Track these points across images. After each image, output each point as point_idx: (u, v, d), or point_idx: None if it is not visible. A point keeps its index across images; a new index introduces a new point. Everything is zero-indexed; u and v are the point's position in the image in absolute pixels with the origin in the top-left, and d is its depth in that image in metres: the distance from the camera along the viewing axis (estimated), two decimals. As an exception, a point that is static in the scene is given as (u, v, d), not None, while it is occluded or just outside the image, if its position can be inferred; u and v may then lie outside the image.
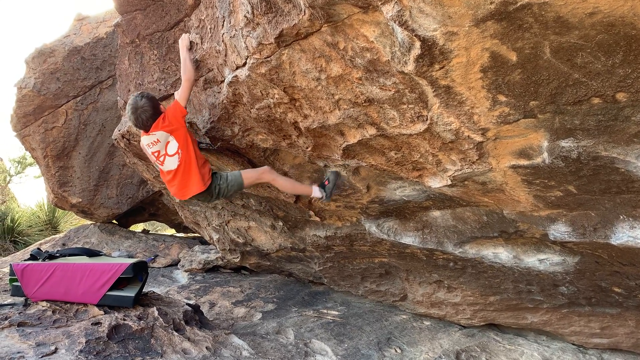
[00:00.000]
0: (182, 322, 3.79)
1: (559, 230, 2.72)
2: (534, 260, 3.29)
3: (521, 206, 2.74)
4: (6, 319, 3.40)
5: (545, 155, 2.15)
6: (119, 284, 3.89)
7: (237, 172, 3.48)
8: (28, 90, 6.31)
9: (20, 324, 3.34)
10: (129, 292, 3.86)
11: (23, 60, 6.53)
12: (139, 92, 3.25)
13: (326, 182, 3.48)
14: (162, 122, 3.19)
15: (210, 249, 6.73)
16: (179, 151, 3.26)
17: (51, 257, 4.21)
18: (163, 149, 3.29)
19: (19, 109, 6.51)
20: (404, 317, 4.75)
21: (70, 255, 4.33)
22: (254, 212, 4.77)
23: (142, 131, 3.32)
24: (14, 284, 3.98)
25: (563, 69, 1.71)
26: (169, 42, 3.59)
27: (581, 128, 1.94)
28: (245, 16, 2.40)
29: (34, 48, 6.52)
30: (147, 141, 3.30)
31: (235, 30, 2.61)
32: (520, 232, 3.06)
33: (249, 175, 3.49)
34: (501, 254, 3.41)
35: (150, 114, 3.19)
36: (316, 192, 3.53)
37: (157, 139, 3.24)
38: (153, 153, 3.33)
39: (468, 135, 2.22)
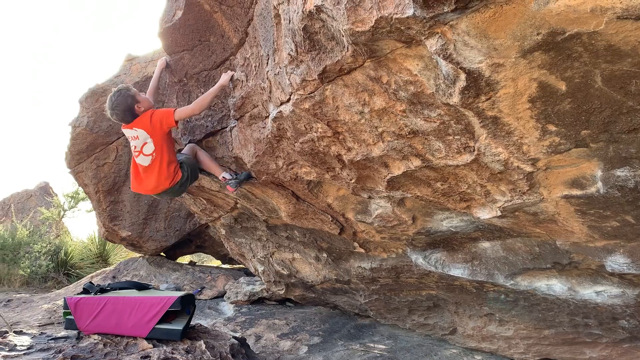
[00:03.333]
0: (229, 355, 3.79)
1: (617, 262, 2.60)
2: (590, 292, 3.14)
3: (575, 237, 2.64)
4: (60, 352, 3.49)
5: (600, 184, 2.07)
6: (167, 317, 3.95)
7: (187, 156, 3.86)
8: (81, 129, 6.59)
9: (73, 357, 3.41)
10: (177, 326, 3.90)
11: (77, 101, 6.84)
12: (117, 88, 3.54)
13: (239, 172, 3.79)
14: (147, 122, 3.44)
15: (255, 281, 6.75)
16: (153, 154, 3.52)
17: (102, 290, 4.32)
18: (140, 147, 3.55)
19: (73, 147, 6.80)
20: (454, 351, 4.60)
21: (120, 288, 4.43)
22: (298, 243, 4.77)
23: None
24: (67, 317, 4.09)
25: (616, 97, 1.66)
26: (215, 80, 3.70)
27: (637, 157, 1.87)
28: (289, 54, 2.45)
29: (87, 89, 6.83)
30: (128, 133, 3.63)
31: (280, 68, 2.67)
32: (575, 263, 2.94)
33: (190, 151, 3.94)
34: (555, 285, 3.28)
35: (121, 110, 3.51)
36: (226, 174, 3.80)
37: (137, 136, 3.55)
38: (131, 144, 3.60)
39: (517, 166, 2.17)
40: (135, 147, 3.61)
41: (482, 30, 1.60)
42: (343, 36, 2.02)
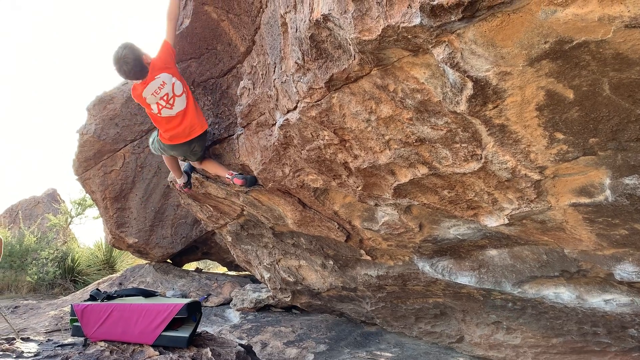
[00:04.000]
0: (236, 363, 3.78)
1: (626, 270, 2.58)
2: (598, 300, 3.12)
3: (583, 245, 2.62)
4: (67, 359, 3.49)
5: (608, 193, 2.06)
6: (174, 324, 3.94)
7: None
8: (89, 136, 6.64)
9: (80, 365, 3.41)
10: (184, 333, 3.90)
11: (85, 108, 6.89)
12: (121, 44, 3.38)
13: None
14: (160, 64, 3.32)
15: (262, 288, 6.75)
16: (185, 89, 3.40)
17: (109, 297, 4.33)
18: (171, 91, 3.39)
19: (81, 154, 6.85)
20: (461, 359, 4.57)
21: (127, 295, 4.44)
22: (305, 250, 4.77)
23: (136, 82, 3.43)
24: (74, 324, 4.09)
25: (624, 105, 1.66)
26: (223, 88, 3.72)
27: (646, 165, 1.86)
28: (296, 62, 2.46)
29: (94, 96, 6.88)
30: (153, 88, 3.38)
31: (286, 76, 2.67)
32: (583, 271, 2.92)
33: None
34: (563, 294, 3.26)
35: (131, 61, 3.29)
36: (233, 172, 3.79)
37: (163, 82, 3.36)
38: (162, 98, 3.39)
39: (525, 174, 2.17)
40: (167, 96, 3.41)
41: (490, 38, 1.60)
42: (350, 45, 2.02)
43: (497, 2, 1.45)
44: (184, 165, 4.38)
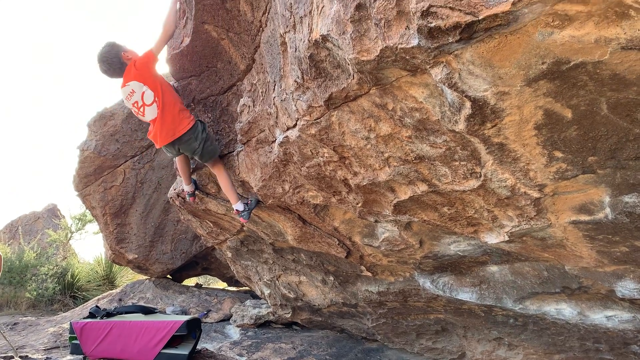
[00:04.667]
0: (236, 381, 3.76)
1: (627, 287, 2.57)
2: (600, 317, 3.10)
3: (584, 262, 2.61)
4: (66, 378, 3.47)
5: (608, 210, 2.06)
6: (173, 341, 3.93)
7: (217, 145, 3.73)
8: (90, 152, 6.65)
9: (79, 384, 3.39)
10: (183, 350, 3.88)
11: (85, 124, 6.91)
12: (105, 42, 3.47)
13: (249, 202, 3.79)
14: (133, 70, 3.33)
15: (262, 304, 6.71)
16: (156, 99, 3.38)
17: (108, 314, 4.32)
18: (140, 100, 3.40)
19: (81, 170, 6.86)
20: (463, 376, 4.53)
21: (126, 312, 4.43)
22: (305, 266, 4.75)
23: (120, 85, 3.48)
24: (73, 342, 4.08)
25: (622, 124, 1.66)
26: (223, 105, 3.73)
27: (646, 183, 1.86)
28: (295, 81, 2.48)
29: (95, 112, 6.91)
30: (124, 94, 3.45)
31: (286, 94, 2.69)
32: (585, 288, 2.91)
33: (215, 164, 3.79)
34: (564, 310, 3.24)
35: (109, 59, 3.37)
36: (239, 206, 3.79)
37: (133, 90, 3.40)
38: (133, 105, 3.44)
39: (524, 192, 2.17)
40: (137, 104, 3.44)
41: (487, 59, 1.61)
42: (349, 64, 2.04)
43: (494, 24, 1.46)
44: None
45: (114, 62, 3.40)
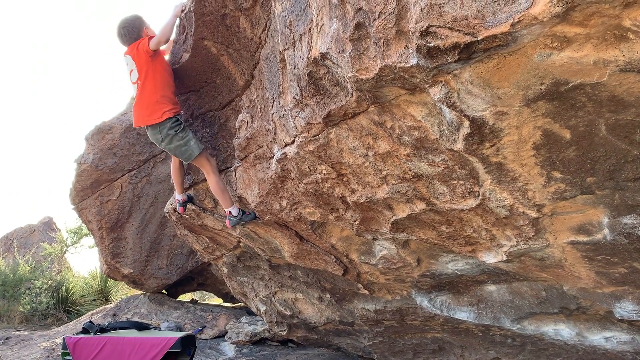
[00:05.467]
0: (230, 400, 3.70)
1: (626, 309, 2.55)
2: (599, 338, 3.08)
3: (582, 282, 2.60)
4: (57, 395, 3.41)
5: (606, 231, 2.05)
6: (168, 358, 3.88)
7: (197, 148, 3.66)
8: (87, 166, 6.63)
9: (70, 401, 3.34)
10: (177, 368, 3.83)
11: (83, 137, 6.90)
12: (133, 13, 3.78)
13: (247, 212, 3.77)
14: (136, 47, 3.59)
15: (257, 320, 6.65)
16: (138, 81, 3.60)
17: (102, 330, 4.27)
18: (130, 74, 3.69)
19: (78, 183, 6.82)
20: (460, 396, 4.48)
21: (120, 328, 4.38)
22: (301, 283, 4.72)
23: None
24: (66, 357, 4.02)
25: (621, 145, 1.66)
26: (221, 121, 3.74)
27: (644, 204, 1.86)
28: (294, 98, 2.48)
29: (93, 125, 6.90)
30: (124, 61, 3.73)
31: (285, 111, 2.69)
32: (583, 308, 2.89)
33: (200, 161, 3.73)
34: (563, 330, 3.22)
35: (131, 28, 3.67)
36: (234, 210, 3.78)
37: (127, 63, 3.68)
38: (129, 74, 3.71)
39: (523, 212, 2.16)
40: (129, 75, 3.70)
41: (486, 79, 1.61)
42: (347, 82, 2.04)
43: (493, 45, 1.47)
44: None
45: (133, 32, 3.68)
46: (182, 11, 3.52)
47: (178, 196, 4.33)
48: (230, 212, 3.81)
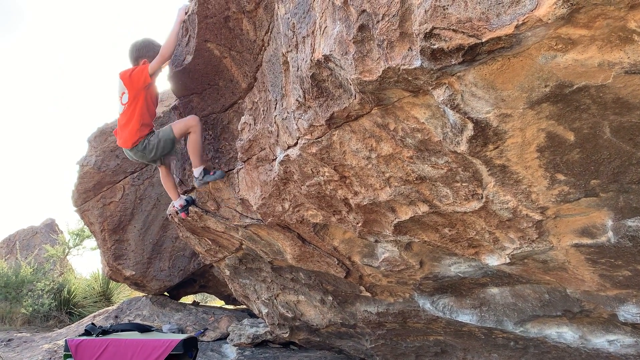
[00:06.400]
0: (232, 403, 3.70)
1: (630, 312, 2.54)
2: (602, 341, 3.06)
3: (586, 285, 2.59)
4: (59, 397, 3.41)
5: (611, 234, 2.04)
6: (170, 360, 3.87)
7: (167, 132, 3.78)
8: (89, 168, 6.65)
9: (72, 404, 3.33)
10: (179, 370, 3.82)
11: (86, 139, 6.92)
12: (145, 37, 3.88)
13: (211, 173, 3.76)
14: (128, 75, 3.70)
15: (259, 323, 6.65)
16: (126, 106, 3.72)
17: (104, 332, 4.26)
18: (120, 97, 3.80)
19: (80, 185, 6.84)
20: (463, 399, 4.47)
21: (122, 330, 4.37)
22: (303, 285, 4.71)
23: None
24: (68, 359, 4.02)
25: (625, 147, 1.66)
26: (224, 123, 3.74)
27: (649, 207, 1.85)
28: (297, 100, 2.48)
29: (96, 127, 6.92)
30: (118, 82, 3.84)
31: (287, 113, 2.69)
32: (586, 311, 2.88)
33: (179, 127, 3.79)
34: (566, 333, 3.20)
35: (132, 53, 3.83)
36: (197, 172, 3.81)
37: (119, 84, 3.78)
38: (119, 94, 3.82)
39: (526, 214, 2.15)
40: (119, 98, 3.81)
41: (490, 81, 1.61)
42: (351, 84, 2.04)
43: (497, 47, 1.46)
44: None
45: (132, 57, 3.84)
46: (186, 13, 3.53)
47: (176, 203, 4.38)
48: (194, 176, 3.85)
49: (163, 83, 6.92)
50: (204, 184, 3.88)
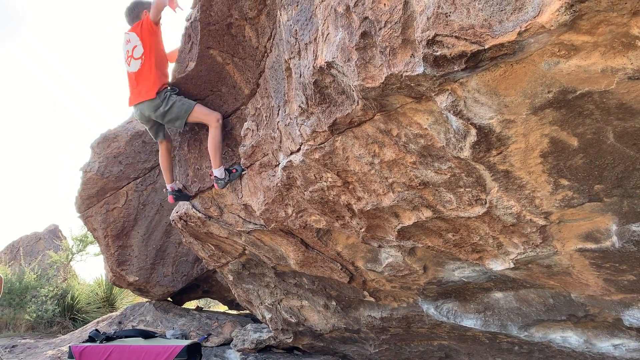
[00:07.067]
0: (236, 409, 3.69)
1: (635, 316, 2.53)
2: (607, 345, 3.05)
3: (590, 289, 2.58)
4: (64, 404, 3.41)
5: (615, 239, 2.04)
6: (174, 367, 3.88)
7: (189, 105, 3.73)
8: (92, 174, 6.65)
9: (77, 411, 3.33)
10: (183, 376, 3.83)
11: (89, 146, 6.93)
12: None
13: (233, 170, 3.70)
14: (140, 26, 3.80)
15: (263, 328, 6.63)
16: (142, 57, 3.75)
17: (108, 338, 4.27)
18: (131, 50, 3.84)
19: (83, 192, 6.84)
20: (468, 404, 4.45)
21: (126, 336, 4.38)
22: (307, 291, 4.71)
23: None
24: (72, 366, 4.02)
25: (629, 153, 1.66)
26: (227, 129, 3.74)
27: (653, 212, 1.85)
28: (299, 106, 2.49)
29: (99, 134, 6.93)
30: (124, 39, 3.92)
31: (290, 119, 2.70)
32: (591, 316, 2.87)
33: (201, 110, 3.75)
34: (570, 337, 3.19)
35: (134, 8, 3.92)
36: (219, 172, 3.71)
37: (129, 39, 3.86)
38: (126, 52, 3.88)
39: (530, 219, 2.15)
40: (127, 53, 3.86)
41: (493, 87, 1.61)
42: (353, 91, 2.04)
43: (500, 54, 1.47)
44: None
45: (132, 14, 3.94)
46: (188, 20, 3.54)
47: (168, 186, 4.42)
48: (215, 176, 3.75)
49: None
50: (227, 184, 3.81)
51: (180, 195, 4.44)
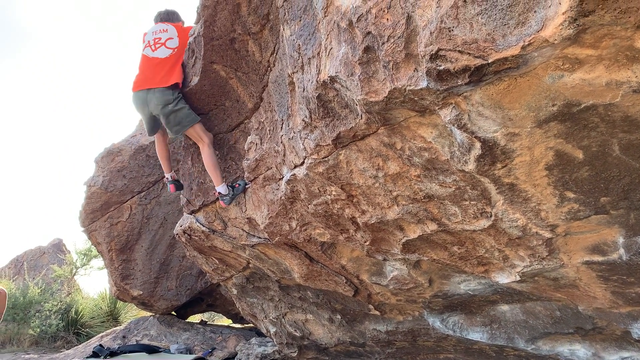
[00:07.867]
0: None
1: (644, 329, 2.50)
2: (616, 358, 3.01)
3: (598, 302, 2.55)
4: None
5: (622, 251, 2.02)
6: (178, 382, 3.85)
7: (194, 118, 3.74)
8: (96, 188, 6.67)
9: None
10: (188, 392, 3.80)
11: (93, 160, 6.95)
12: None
13: (236, 185, 3.69)
14: (180, 26, 3.94)
15: (267, 342, 6.60)
16: (175, 50, 3.80)
17: (112, 354, 4.25)
18: (164, 39, 3.87)
19: (88, 206, 6.86)
20: (475, 419, 4.39)
21: (130, 352, 4.36)
22: (311, 304, 4.68)
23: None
24: (76, 382, 4.00)
25: (635, 165, 1.65)
26: (230, 143, 3.75)
27: (660, 224, 1.83)
28: (303, 120, 2.49)
29: (103, 148, 6.96)
30: (155, 29, 3.96)
31: (294, 133, 2.70)
32: (599, 328, 2.83)
33: (199, 127, 3.76)
34: (578, 350, 3.15)
35: (174, 14, 4.07)
36: (222, 188, 3.71)
37: (166, 29, 3.93)
38: (154, 38, 3.91)
39: (536, 232, 2.14)
40: (158, 40, 3.87)
41: (497, 101, 1.61)
42: (357, 105, 2.04)
43: (504, 67, 1.46)
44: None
45: (172, 17, 4.08)
46: (191, 35, 3.57)
47: (167, 175, 4.45)
48: (219, 192, 3.76)
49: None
50: (233, 199, 3.81)
51: (180, 184, 4.45)
